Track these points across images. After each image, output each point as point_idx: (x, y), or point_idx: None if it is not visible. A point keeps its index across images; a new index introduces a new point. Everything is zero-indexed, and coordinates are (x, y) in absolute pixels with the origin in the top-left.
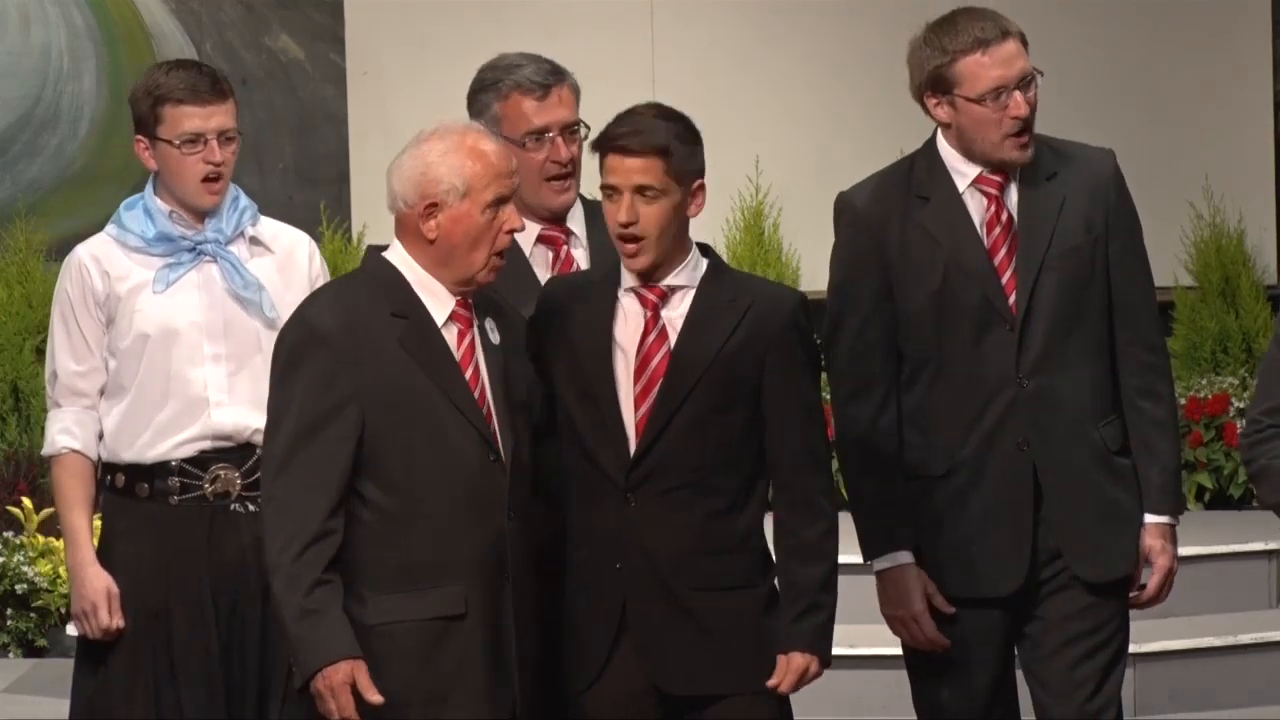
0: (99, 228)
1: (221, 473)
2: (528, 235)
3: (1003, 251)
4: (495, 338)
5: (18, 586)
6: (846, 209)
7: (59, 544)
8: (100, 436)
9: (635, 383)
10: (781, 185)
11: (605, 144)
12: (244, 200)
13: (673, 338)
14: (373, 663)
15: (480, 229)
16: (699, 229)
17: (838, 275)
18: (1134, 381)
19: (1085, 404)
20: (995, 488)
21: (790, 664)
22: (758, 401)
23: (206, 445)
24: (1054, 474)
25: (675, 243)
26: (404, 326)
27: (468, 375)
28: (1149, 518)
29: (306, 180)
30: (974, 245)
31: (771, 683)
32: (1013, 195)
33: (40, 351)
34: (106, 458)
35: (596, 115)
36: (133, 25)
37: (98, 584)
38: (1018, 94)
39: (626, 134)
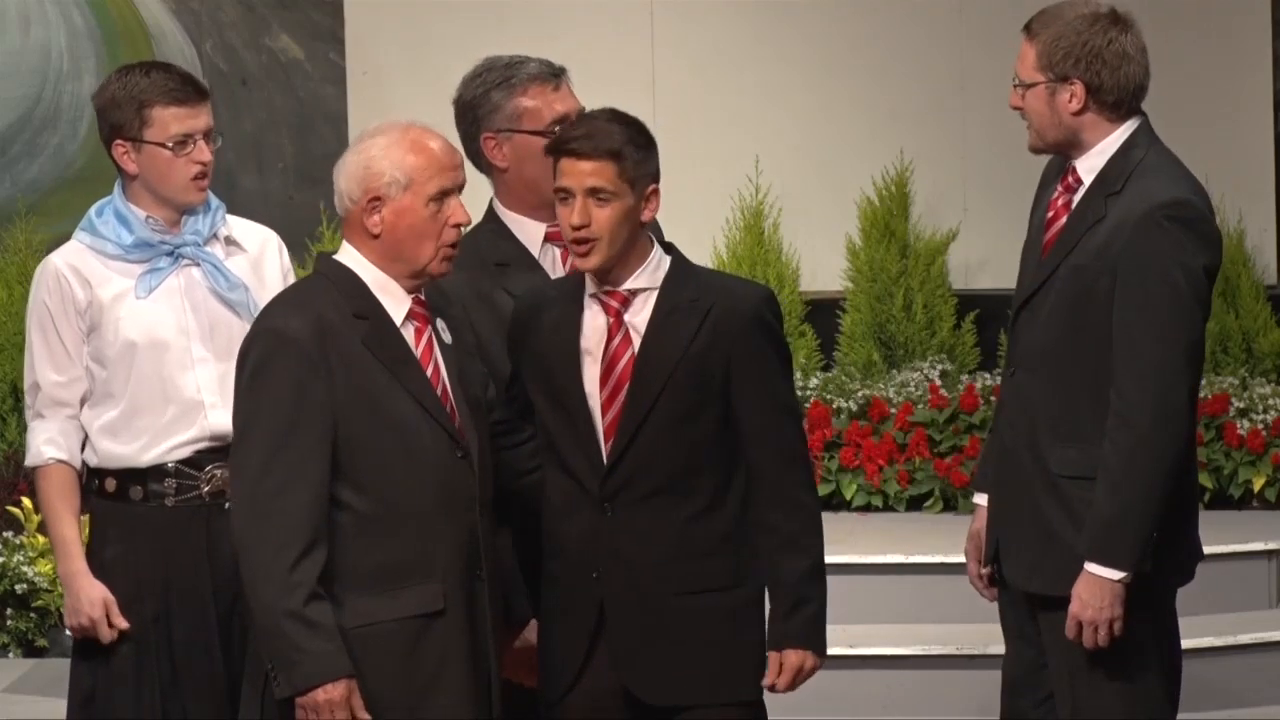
0: None
1: (217, 472)
2: (536, 234)
3: (1045, 242)
4: (447, 337)
5: (18, 586)
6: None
7: None
8: (83, 445)
9: (602, 389)
10: (781, 185)
11: (559, 147)
12: (214, 200)
13: (637, 342)
14: (355, 665)
15: (424, 222)
16: (699, 227)
17: None
18: (1106, 423)
19: (1050, 417)
20: (995, 469)
21: (785, 661)
22: (729, 401)
23: (202, 446)
24: (1008, 470)
25: (629, 246)
26: (366, 327)
27: (429, 373)
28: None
29: (306, 180)
30: (1038, 231)
31: (767, 682)
32: (1078, 196)
33: None
34: (95, 463)
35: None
36: (133, 25)
37: (94, 594)
38: (1013, 88)
39: (580, 137)
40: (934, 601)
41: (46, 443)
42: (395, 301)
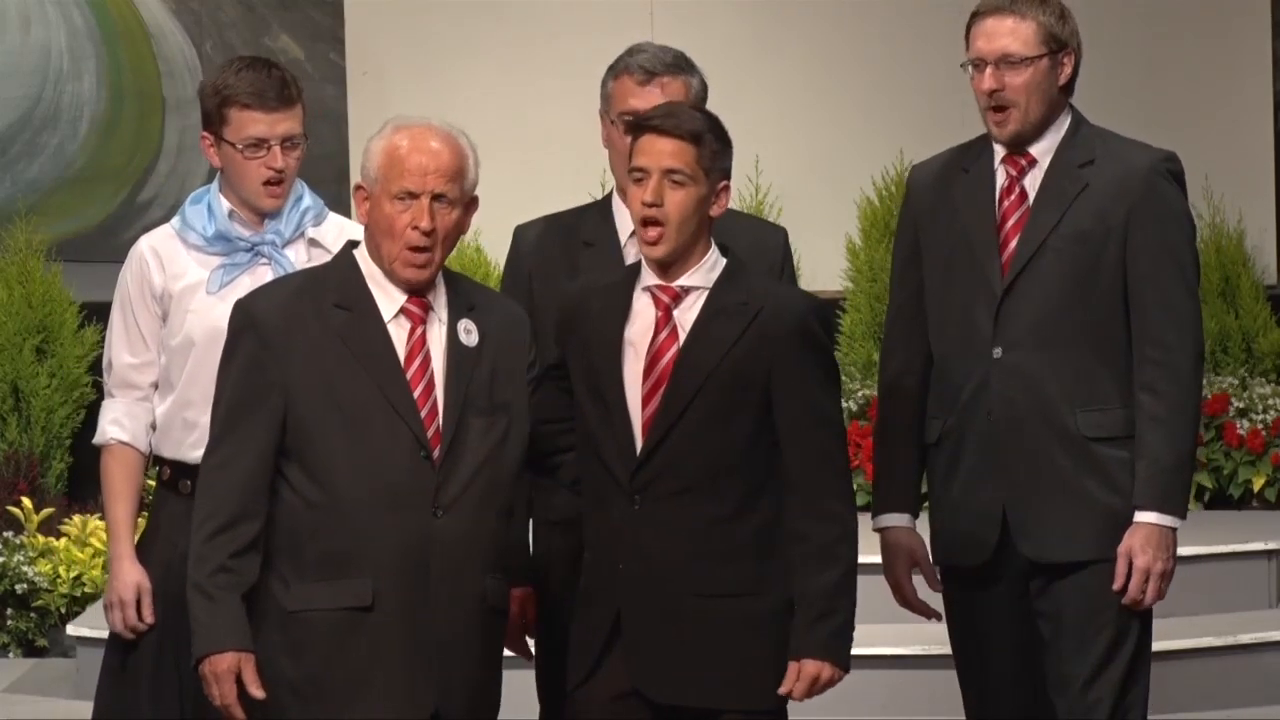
0: (99, 228)
1: None
2: (625, 227)
3: (1009, 226)
4: (471, 339)
5: (18, 586)
6: (909, 177)
7: (59, 544)
8: (151, 428)
9: (644, 382)
10: (781, 185)
11: (640, 125)
12: (307, 200)
13: (683, 339)
14: (291, 647)
15: (386, 219)
16: None
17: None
18: (1138, 377)
19: (1063, 387)
20: (971, 459)
21: (802, 670)
22: (768, 408)
23: None
24: (1013, 451)
25: (695, 239)
26: (345, 318)
27: (410, 371)
28: (1135, 514)
29: (306, 180)
30: (986, 219)
31: (783, 690)
32: (1037, 175)
33: (40, 351)
34: (154, 450)
35: (597, 114)
36: (133, 25)
37: (130, 579)
38: (989, 69)
39: (663, 116)
40: (935, 601)
41: (112, 423)
42: (387, 297)
